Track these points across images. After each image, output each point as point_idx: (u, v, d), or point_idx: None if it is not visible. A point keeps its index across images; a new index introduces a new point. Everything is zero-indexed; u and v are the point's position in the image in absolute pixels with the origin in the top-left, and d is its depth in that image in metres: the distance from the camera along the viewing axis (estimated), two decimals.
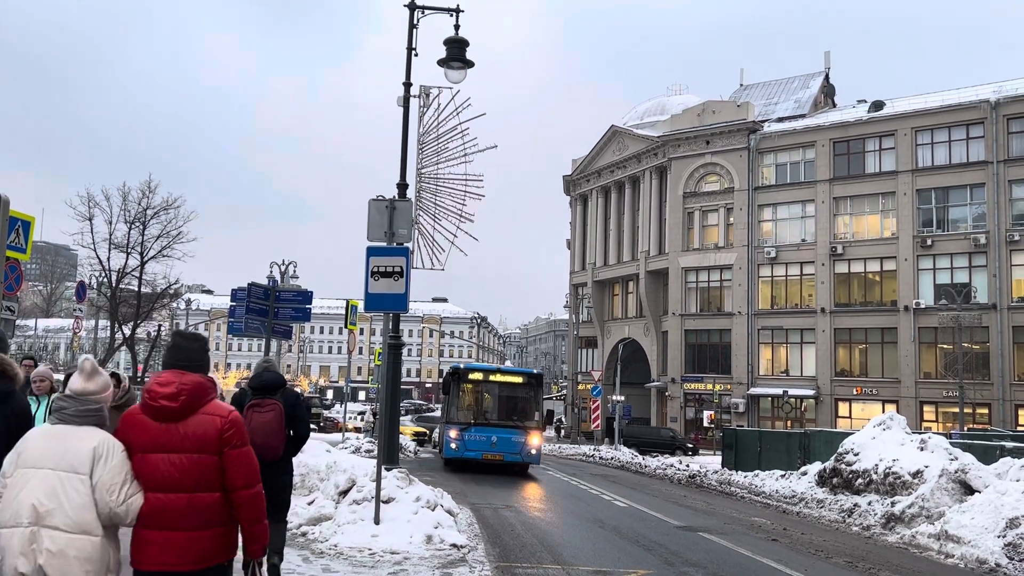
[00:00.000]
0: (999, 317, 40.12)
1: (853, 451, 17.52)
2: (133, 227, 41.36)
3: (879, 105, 46.62)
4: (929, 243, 42.49)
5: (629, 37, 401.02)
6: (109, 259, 41.44)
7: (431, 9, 13.88)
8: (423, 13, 13.83)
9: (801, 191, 47.05)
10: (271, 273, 23.93)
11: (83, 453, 3.53)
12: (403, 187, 13.73)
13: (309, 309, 16.42)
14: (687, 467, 27.07)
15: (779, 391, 45.44)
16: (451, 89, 13.56)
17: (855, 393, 44.41)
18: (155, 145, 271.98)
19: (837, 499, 16.80)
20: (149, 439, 3.70)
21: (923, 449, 16.42)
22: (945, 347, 41.39)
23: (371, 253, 9.96)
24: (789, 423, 44.59)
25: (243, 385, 8.00)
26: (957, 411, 37.93)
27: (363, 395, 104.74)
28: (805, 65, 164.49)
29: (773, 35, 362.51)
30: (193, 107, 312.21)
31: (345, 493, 10.60)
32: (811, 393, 45.09)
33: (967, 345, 39.23)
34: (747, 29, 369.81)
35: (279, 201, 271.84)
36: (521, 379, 22.72)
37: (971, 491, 13.51)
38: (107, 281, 41.49)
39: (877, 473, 16.29)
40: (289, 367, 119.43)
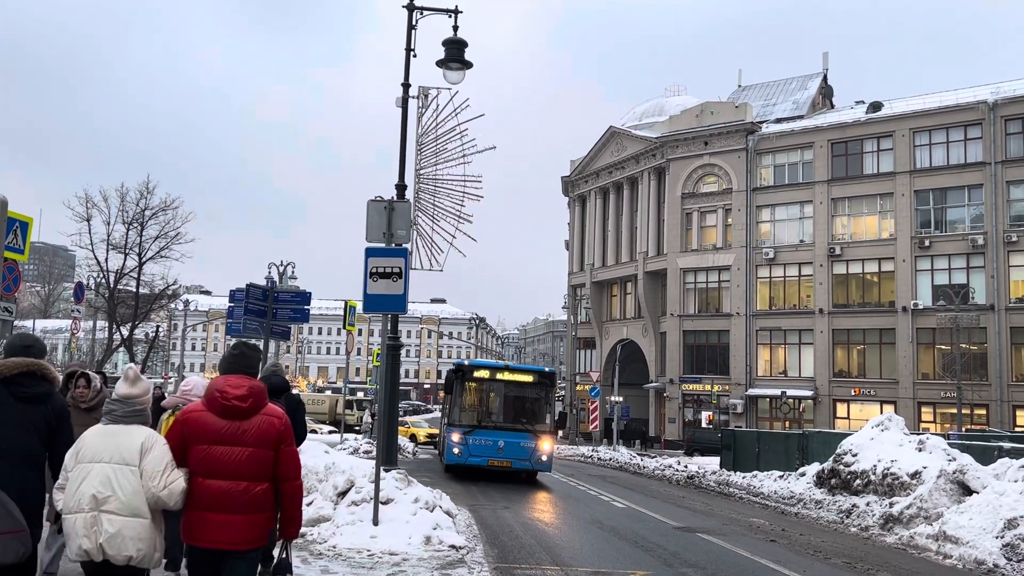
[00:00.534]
0: (997, 318, 40.17)
1: (851, 452, 17.53)
2: (131, 228, 41.44)
3: (877, 106, 46.67)
4: (927, 244, 42.54)
5: (625, 37, 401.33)
6: (107, 260, 41.49)
7: (430, 10, 13.88)
8: (422, 14, 13.83)
9: (799, 192, 47.10)
10: (269, 274, 23.90)
11: (132, 447, 4.13)
12: (402, 188, 13.72)
13: (307, 310, 16.43)
14: (685, 468, 27.08)
15: (777, 392, 45.48)
16: (449, 90, 13.56)
17: (853, 394, 44.44)
18: (154, 145, 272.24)
19: (835, 500, 16.81)
20: (215, 433, 4.24)
21: (921, 450, 16.43)
22: (943, 348, 41.44)
23: (370, 254, 9.95)
24: (787, 424, 44.63)
25: None
26: (955, 412, 37.97)
27: (361, 396, 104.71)
28: (803, 66, 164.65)
29: (771, 36, 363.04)
30: (192, 107, 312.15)
31: (344, 494, 10.59)
32: (809, 394, 45.12)
33: (965, 346, 39.28)
34: (745, 29, 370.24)
35: (278, 202, 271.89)
36: (531, 377, 20.77)
37: (969, 492, 13.53)
38: (105, 282, 41.50)
39: (875, 474, 16.31)
40: (287, 368, 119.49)
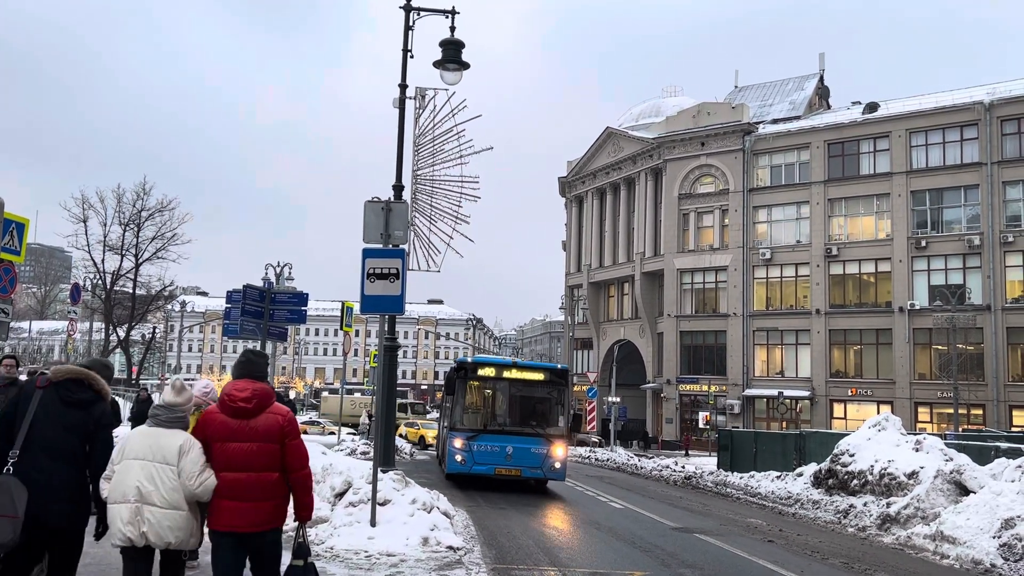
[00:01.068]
0: (993, 318, 40.25)
1: (848, 452, 17.55)
2: (128, 229, 41.45)
3: (873, 107, 46.75)
4: (923, 244, 42.62)
5: (622, 38, 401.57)
6: (104, 261, 41.51)
7: (427, 11, 13.86)
8: (419, 15, 13.81)
9: (796, 192, 47.16)
10: (266, 275, 23.85)
11: (172, 449, 4.71)
12: (399, 189, 13.69)
13: (304, 311, 16.38)
14: (683, 468, 27.09)
15: (774, 392, 45.53)
16: (447, 91, 13.55)
17: (850, 394, 44.50)
18: (150, 146, 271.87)
19: (833, 500, 16.82)
20: (228, 432, 4.81)
21: (918, 450, 16.45)
22: (940, 348, 41.51)
23: (367, 255, 9.94)
24: (784, 424, 44.67)
25: None
26: (952, 412, 38.04)
27: (358, 397, 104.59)
28: (800, 67, 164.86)
29: (768, 37, 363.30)
30: (188, 107, 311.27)
31: (341, 495, 10.57)
32: (806, 394, 45.17)
33: (961, 346, 39.34)
34: (742, 30, 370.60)
35: (274, 203, 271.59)
36: (542, 376, 18.90)
37: (966, 492, 13.54)
38: (101, 283, 41.45)
39: (872, 474, 16.32)
40: (284, 369, 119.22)
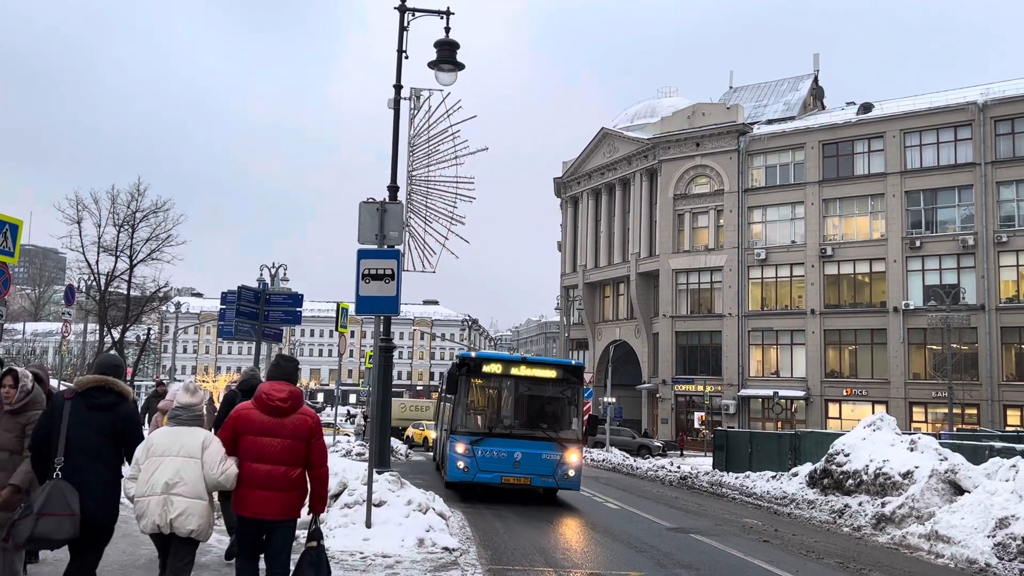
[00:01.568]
0: (987, 318, 40.36)
1: (843, 452, 17.58)
2: (122, 230, 41.21)
3: (868, 107, 46.85)
4: (918, 244, 42.72)
5: (616, 39, 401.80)
6: (98, 262, 41.26)
7: (422, 11, 13.85)
8: (414, 15, 13.80)
9: (791, 193, 47.24)
10: (261, 276, 23.82)
11: (195, 444, 5.33)
12: (394, 190, 13.68)
13: (299, 312, 16.35)
14: (678, 469, 27.11)
15: (769, 392, 45.58)
16: (441, 91, 13.54)
17: (845, 394, 44.59)
18: (143, 147, 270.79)
19: (828, 500, 16.85)
20: (262, 427, 5.44)
21: (913, 450, 16.49)
22: (934, 348, 41.61)
23: (362, 256, 9.92)
24: (779, 424, 44.75)
25: (233, 387, 9.30)
26: (946, 411, 38.13)
27: (354, 398, 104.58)
28: (794, 67, 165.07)
29: (763, 37, 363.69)
30: (181, 108, 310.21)
31: (336, 497, 10.56)
32: (801, 394, 45.25)
33: (956, 346, 39.44)
34: (737, 31, 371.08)
35: (269, 203, 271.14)
36: (554, 373, 17.02)
37: (961, 491, 13.57)
38: (96, 284, 41.28)
39: (867, 474, 16.35)
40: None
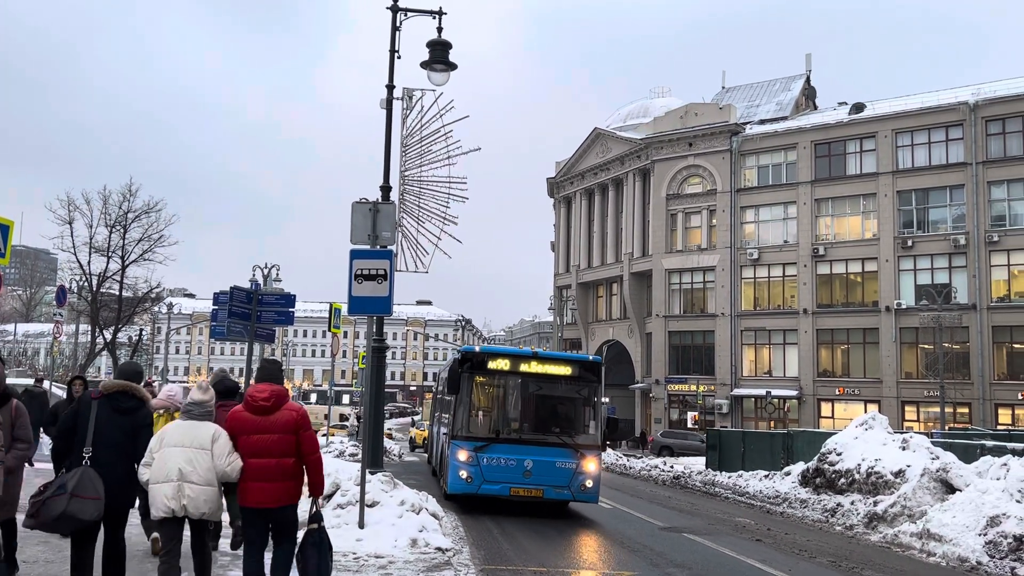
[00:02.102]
0: (979, 317, 40.51)
1: (836, 451, 17.64)
2: (114, 231, 41.10)
3: (860, 107, 46.99)
4: (910, 244, 42.86)
5: (609, 38, 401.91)
6: (90, 263, 41.14)
7: (414, 11, 13.84)
8: (406, 15, 13.79)
9: (783, 193, 47.34)
10: (254, 276, 23.77)
11: (206, 437, 5.93)
12: (386, 190, 13.66)
13: (292, 312, 16.28)
14: (671, 468, 27.16)
15: (762, 392, 45.68)
16: (434, 91, 13.52)
17: (837, 393, 44.69)
18: (134, 147, 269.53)
19: (820, 499, 16.90)
20: (252, 426, 6.03)
21: (905, 449, 16.56)
22: (926, 347, 41.75)
23: (354, 256, 9.91)
24: (772, 424, 44.83)
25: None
26: (938, 410, 38.27)
27: (347, 399, 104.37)
28: (786, 67, 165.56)
29: (755, 37, 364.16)
30: (171, 109, 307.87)
31: (329, 497, 10.54)
32: (794, 394, 45.35)
33: (947, 345, 39.59)
34: (729, 30, 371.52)
35: (262, 204, 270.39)
36: (569, 369, 15.07)
37: (952, 490, 13.63)
38: (88, 285, 41.15)
39: (860, 473, 16.41)
40: None
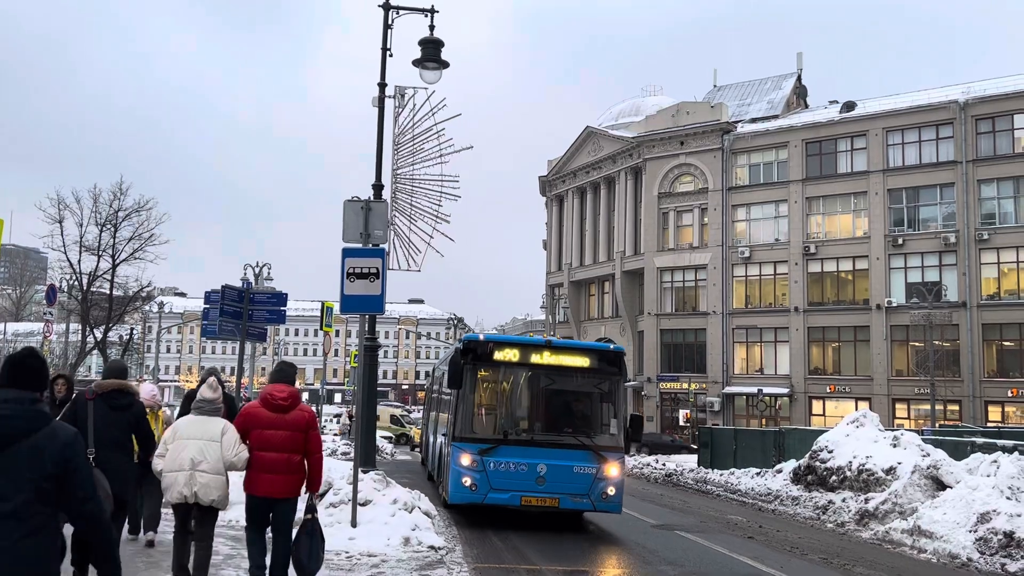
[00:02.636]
0: (969, 315, 40.69)
1: (827, 448, 17.70)
2: (104, 229, 40.81)
3: (850, 106, 47.12)
4: (900, 242, 43.01)
5: (601, 37, 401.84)
6: (80, 262, 40.85)
7: (406, 10, 13.82)
8: (398, 13, 13.77)
9: (774, 191, 47.44)
10: (245, 275, 23.74)
11: (216, 430, 6.50)
12: (378, 188, 13.64)
13: (284, 311, 16.27)
14: (663, 466, 27.20)
15: (754, 390, 45.78)
16: (426, 89, 13.50)
17: (828, 391, 44.84)
18: (124, 146, 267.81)
19: (812, 496, 16.95)
20: (267, 421, 6.64)
21: (896, 446, 16.63)
22: (916, 345, 41.90)
23: (347, 254, 9.90)
24: (764, 421, 44.94)
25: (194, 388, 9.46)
26: (928, 408, 38.45)
27: (339, 397, 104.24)
28: (777, 66, 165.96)
29: (747, 35, 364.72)
30: (161, 108, 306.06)
31: (322, 496, 10.53)
32: (785, 391, 45.48)
33: (938, 343, 39.74)
34: (721, 29, 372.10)
35: (253, 202, 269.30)
36: (588, 361, 13.02)
37: (943, 487, 13.70)
38: (78, 284, 40.93)
39: (851, 470, 16.47)
40: (264, 370, 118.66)
